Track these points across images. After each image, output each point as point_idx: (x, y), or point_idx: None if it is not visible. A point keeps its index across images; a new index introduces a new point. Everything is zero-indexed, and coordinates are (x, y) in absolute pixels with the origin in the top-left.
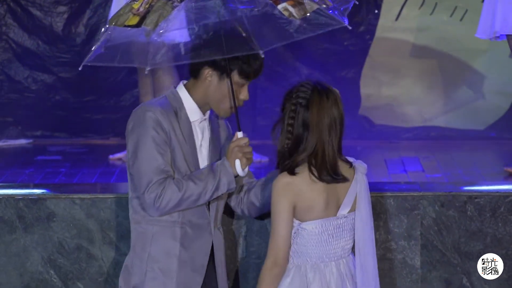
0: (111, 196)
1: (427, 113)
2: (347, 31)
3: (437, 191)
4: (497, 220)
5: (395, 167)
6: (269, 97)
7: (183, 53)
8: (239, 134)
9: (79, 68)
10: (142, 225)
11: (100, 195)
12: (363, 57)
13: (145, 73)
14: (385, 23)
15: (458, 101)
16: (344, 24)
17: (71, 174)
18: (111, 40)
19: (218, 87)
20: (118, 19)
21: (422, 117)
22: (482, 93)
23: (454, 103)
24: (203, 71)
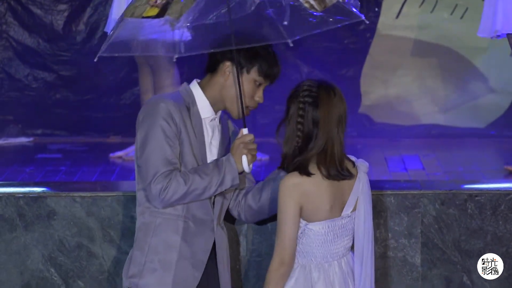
0: (111, 194)
1: (428, 111)
2: (347, 29)
3: (437, 189)
4: (497, 218)
5: (395, 165)
6: (269, 95)
7: (210, 41)
8: (245, 131)
9: (95, 59)
10: (145, 217)
11: (101, 193)
12: (363, 55)
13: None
14: (386, 21)
15: (459, 99)
16: (362, 18)
17: (71, 172)
18: (128, 31)
19: (235, 82)
20: (135, 10)
21: (423, 115)
22: (482, 91)
23: (454, 101)
24: (223, 65)
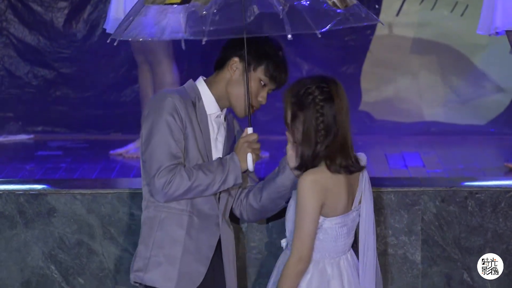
0: (111, 191)
1: (428, 108)
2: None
3: (437, 186)
4: (497, 216)
5: (395, 162)
6: (270, 93)
7: (237, 27)
8: (249, 130)
9: (115, 43)
10: (150, 211)
11: (101, 191)
12: (363, 52)
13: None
14: (386, 18)
15: (459, 97)
16: (378, 21)
17: (71, 169)
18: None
19: (241, 79)
20: None
21: (423, 112)
22: (482, 88)
23: (454, 98)
24: (231, 61)
